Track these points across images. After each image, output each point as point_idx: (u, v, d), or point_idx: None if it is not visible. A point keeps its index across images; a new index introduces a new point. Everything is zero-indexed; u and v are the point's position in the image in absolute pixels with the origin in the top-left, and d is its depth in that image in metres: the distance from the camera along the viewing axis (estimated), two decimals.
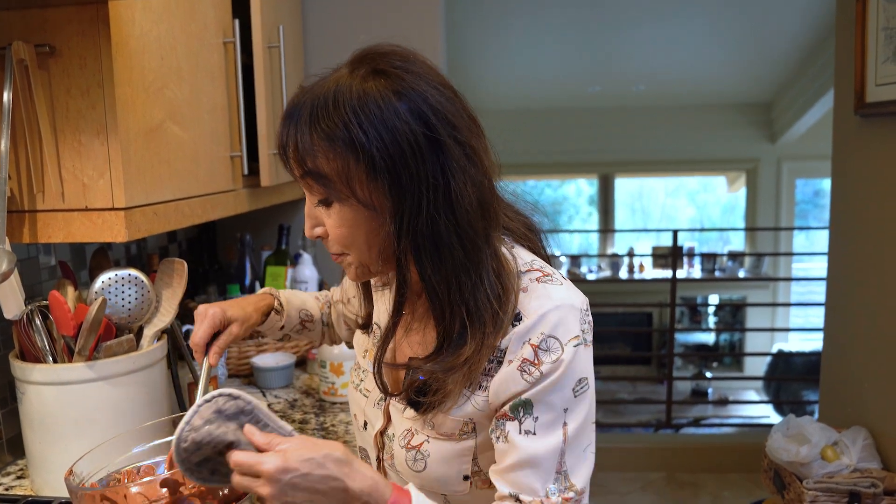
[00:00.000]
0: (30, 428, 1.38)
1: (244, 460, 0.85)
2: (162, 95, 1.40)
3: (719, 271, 7.89)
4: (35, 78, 1.25)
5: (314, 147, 0.91)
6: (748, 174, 7.84)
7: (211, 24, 1.62)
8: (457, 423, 0.99)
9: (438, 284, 0.94)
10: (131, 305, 1.41)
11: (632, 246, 8.12)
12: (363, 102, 0.89)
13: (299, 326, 1.42)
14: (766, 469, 2.67)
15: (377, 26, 2.30)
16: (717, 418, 6.58)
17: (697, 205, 9.20)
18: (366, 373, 1.17)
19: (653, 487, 4.03)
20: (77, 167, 1.29)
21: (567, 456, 0.94)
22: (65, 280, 1.46)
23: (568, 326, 0.93)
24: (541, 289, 0.96)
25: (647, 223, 8.91)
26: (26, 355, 1.38)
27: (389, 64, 0.92)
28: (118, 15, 1.25)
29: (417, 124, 0.90)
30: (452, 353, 0.95)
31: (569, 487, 0.94)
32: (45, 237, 1.31)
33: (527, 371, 0.92)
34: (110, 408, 1.35)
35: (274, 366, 2.00)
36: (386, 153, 0.89)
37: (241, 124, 1.75)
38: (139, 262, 2.05)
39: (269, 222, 2.44)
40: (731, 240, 8.76)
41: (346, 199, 0.94)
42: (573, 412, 0.94)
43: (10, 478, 1.50)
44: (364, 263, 1.00)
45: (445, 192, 0.91)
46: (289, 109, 0.95)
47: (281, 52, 1.91)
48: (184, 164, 1.49)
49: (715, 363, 8.49)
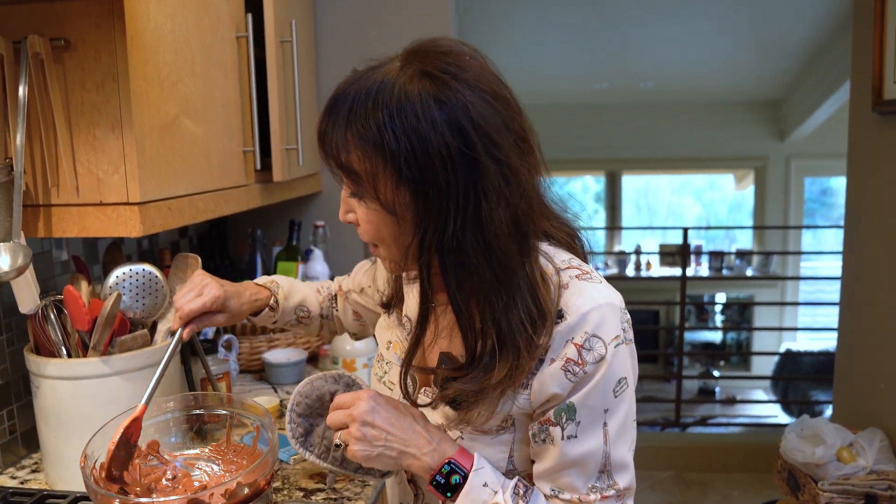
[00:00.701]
0: (44, 422, 1.38)
1: (343, 398, 1.00)
2: (176, 90, 1.40)
3: (727, 270, 7.87)
4: (50, 72, 1.25)
5: (347, 143, 0.89)
6: (756, 172, 7.82)
7: (224, 19, 1.62)
8: (495, 419, 0.97)
9: (464, 302, 0.91)
10: (145, 300, 1.40)
11: (639, 243, 8.10)
12: (401, 106, 0.85)
13: (294, 322, 1.41)
14: (779, 469, 2.66)
15: (388, 22, 2.29)
16: (725, 417, 6.56)
17: (704, 203, 9.18)
18: (390, 364, 1.15)
19: (661, 487, 4.02)
20: (92, 161, 1.28)
21: (611, 455, 0.93)
22: (78, 274, 1.46)
23: (610, 325, 0.91)
24: (582, 286, 0.93)
25: (653, 221, 8.90)
26: (41, 349, 1.38)
27: (440, 67, 0.88)
28: (133, 8, 1.25)
29: (454, 138, 0.85)
30: (482, 375, 0.92)
31: (611, 486, 0.94)
32: (59, 232, 1.31)
33: (571, 371, 0.90)
34: (124, 402, 1.34)
35: (285, 362, 1.99)
36: (415, 164, 0.86)
37: (254, 119, 1.74)
38: (151, 257, 2.05)
39: (281, 218, 2.43)
40: (738, 238, 8.73)
41: (372, 200, 0.91)
42: (613, 412, 0.92)
43: (25, 471, 1.49)
44: (394, 259, 0.98)
45: (475, 212, 0.87)
46: (333, 97, 0.92)
47: (293, 46, 1.90)
48: (197, 158, 1.49)
49: (722, 362, 8.47)
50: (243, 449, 1.22)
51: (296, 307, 1.38)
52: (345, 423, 0.99)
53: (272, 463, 1.06)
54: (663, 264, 8.02)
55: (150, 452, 1.16)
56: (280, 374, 1.99)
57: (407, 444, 0.97)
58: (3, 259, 1.23)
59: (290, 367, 1.99)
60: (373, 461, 0.98)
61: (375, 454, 0.97)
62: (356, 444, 0.97)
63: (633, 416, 0.96)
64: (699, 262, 7.93)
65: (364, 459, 0.97)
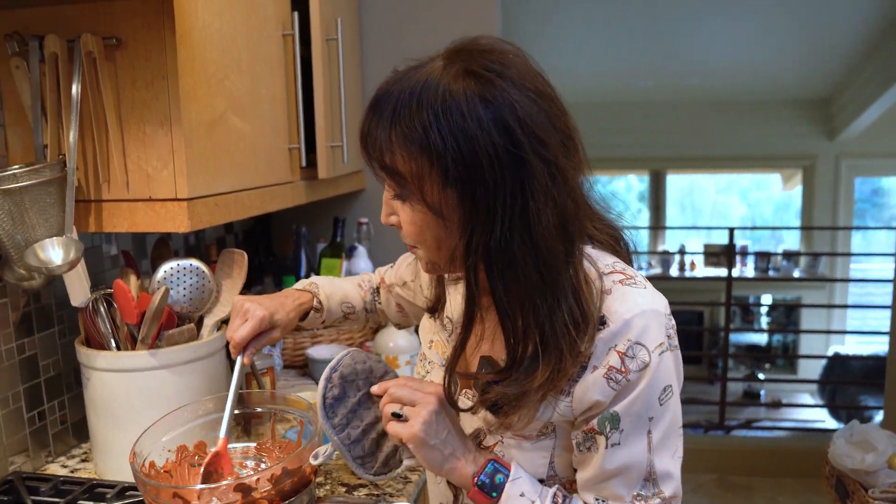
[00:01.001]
0: (94, 413, 1.41)
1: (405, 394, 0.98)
2: (223, 87, 1.42)
3: (773, 271, 7.73)
4: (102, 70, 1.27)
5: (392, 144, 0.88)
6: (805, 172, 7.65)
7: (271, 17, 1.63)
8: (536, 424, 0.96)
9: (510, 305, 0.90)
10: (192, 295, 1.42)
11: (683, 243, 7.99)
12: (447, 106, 0.84)
13: (342, 318, 1.41)
14: (827, 476, 2.60)
15: (432, 19, 2.29)
16: (770, 421, 6.44)
17: (749, 202, 9.03)
18: (432, 364, 1.15)
19: (704, 490, 3.97)
20: (142, 158, 1.30)
21: (655, 463, 0.92)
22: (128, 269, 1.48)
23: (654, 333, 0.89)
24: (625, 292, 0.91)
25: (697, 221, 8.77)
26: (91, 342, 1.41)
27: (484, 65, 0.87)
28: (182, 7, 1.27)
29: (501, 137, 0.84)
30: (524, 377, 0.91)
31: (656, 494, 0.92)
32: (110, 227, 1.33)
33: (613, 379, 0.89)
34: (171, 395, 1.37)
35: (329, 357, 1.99)
36: (462, 163, 0.84)
37: (300, 116, 1.76)
38: (198, 253, 2.08)
39: (325, 214, 2.45)
40: (785, 238, 8.57)
41: (417, 201, 0.90)
42: (658, 420, 0.91)
43: (75, 461, 1.53)
44: (433, 261, 0.98)
45: (522, 212, 0.86)
46: (376, 97, 0.91)
47: (339, 44, 1.91)
48: (244, 155, 1.50)
49: (767, 364, 8.32)
50: (288, 444, 1.23)
51: (340, 304, 1.38)
52: (413, 402, 0.97)
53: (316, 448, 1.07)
54: (708, 265, 7.91)
55: (197, 452, 1.18)
56: (323, 369, 2.00)
57: (457, 448, 0.97)
58: (56, 253, 1.26)
59: None
60: (423, 448, 0.96)
61: (432, 443, 0.96)
62: (421, 426, 0.95)
63: (678, 424, 0.94)
64: (745, 263, 7.80)
65: (419, 443, 0.95)
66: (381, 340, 1.86)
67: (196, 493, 0.98)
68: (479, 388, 0.98)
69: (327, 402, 1.07)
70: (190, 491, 0.99)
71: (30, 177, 1.21)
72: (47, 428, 1.52)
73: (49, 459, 1.53)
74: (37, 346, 1.48)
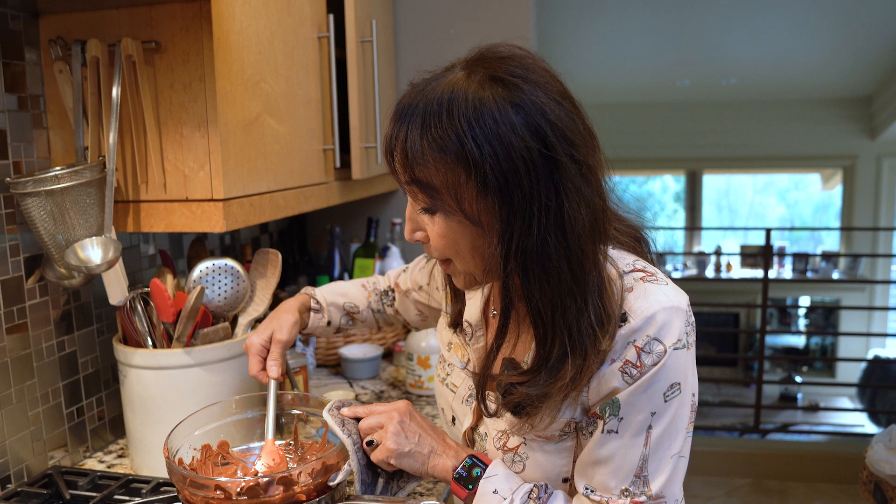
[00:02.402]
0: (130, 409, 1.43)
1: (378, 406, 1.07)
2: (259, 89, 1.43)
3: (811, 272, 7.62)
4: (142, 73, 1.30)
5: (424, 156, 0.87)
6: (845, 171, 7.53)
7: (306, 20, 1.64)
8: (558, 424, 0.96)
9: (544, 308, 0.89)
10: (227, 294, 1.44)
11: (719, 244, 7.90)
12: (479, 113, 0.84)
13: (347, 319, 1.44)
14: (865, 481, 2.56)
15: (467, 20, 2.29)
16: (807, 425, 6.35)
17: (788, 203, 8.90)
18: (451, 367, 1.16)
19: (738, 494, 3.92)
20: (179, 159, 1.32)
21: (649, 461, 0.91)
22: (164, 268, 1.51)
23: (673, 329, 0.89)
24: (646, 289, 0.92)
25: (734, 221, 8.67)
26: (128, 340, 1.44)
27: (507, 71, 0.87)
28: (220, 11, 1.29)
29: (534, 140, 0.84)
30: (548, 379, 0.92)
31: (644, 492, 0.91)
32: (147, 227, 1.36)
33: (627, 372, 0.89)
34: (206, 393, 1.39)
35: (361, 357, 2.02)
36: (499, 170, 0.84)
37: (334, 117, 1.77)
38: (233, 252, 2.11)
39: (358, 215, 2.47)
40: (824, 240, 8.44)
41: (453, 212, 0.90)
42: (660, 416, 0.90)
43: (112, 456, 1.56)
44: (470, 272, 0.98)
45: (558, 213, 0.86)
46: (399, 110, 0.90)
47: (374, 46, 1.92)
48: (279, 156, 1.52)
49: (805, 367, 8.20)
50: (311, 445, 1.24)
51: (342, 303, 1.43)
52: (381, 424, 1.04)
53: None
54: (744, 266, 7.82)
55: (221, 452, 1.19)
56: (356, 368, 2.02)
57: (435, 445, 1.03)
58: (95, 252, 1.28)
59: (365, 363, 2.02)
60: (403, 458, 1.01)
61: (407, 450, 1.01)
62: (391, 439, 1.01)
63: (682, 426, 0.92)
64: (782, 264, 7.70)
65: (396, 455, 1.01)
66: (412, 340, 1.87)
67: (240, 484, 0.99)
68: (502, 389, 0.98)
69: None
70: (234, 484, 1.00)
71: (71, 178, 1.24)
72: (85, 424, 1.55)
73: (87, 454, 1.56)
74: (76, 343, 1.52)
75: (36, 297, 1.41)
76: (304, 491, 1.01)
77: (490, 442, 1.04)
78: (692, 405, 0.94)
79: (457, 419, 1.14)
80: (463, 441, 1.11)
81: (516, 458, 1.00)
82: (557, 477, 0.99)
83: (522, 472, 1.00)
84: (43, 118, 1.39)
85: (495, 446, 1.03)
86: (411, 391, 1.89)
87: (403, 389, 1.93)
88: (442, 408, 1.20)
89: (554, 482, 0.99)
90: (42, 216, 1.24)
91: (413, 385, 1.88)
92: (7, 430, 1.35)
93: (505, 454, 1.02)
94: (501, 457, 1.02)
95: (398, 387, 1.97)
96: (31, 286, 1.40)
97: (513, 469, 1.00)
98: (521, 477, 1.00)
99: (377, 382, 2.01)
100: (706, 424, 5.82)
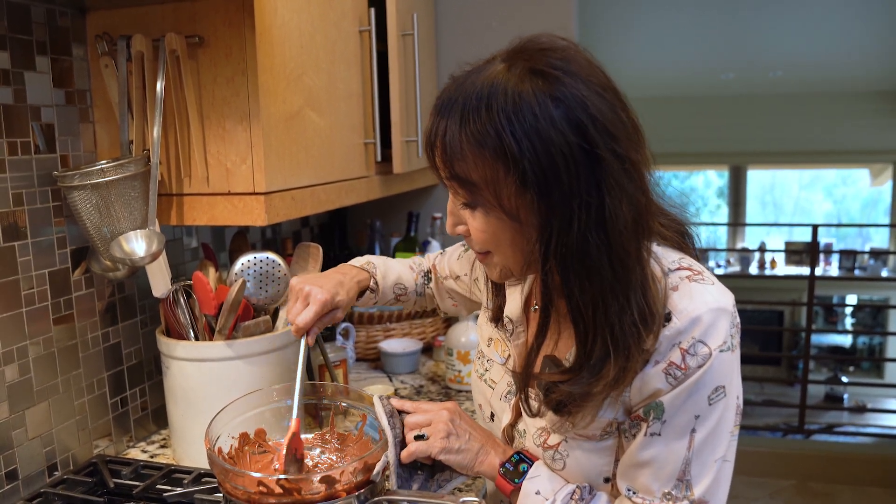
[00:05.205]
0: (172, 401, 1.45)
1: (419, 419, 1.07)
2: (301, 83, 1.44)
3: (859, 270, 7.45)
4: (185, 68, 1.31)
5: (463, 151, 0.86)
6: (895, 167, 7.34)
7: (348, 13, 1.64)
8: (599, 423, 0.95)
9: (585, 306, 0.87)
10: (268, 288, 1.45)
11: (763, 241, 7.76)
12: (518, 108, 0.82)
13: (392, 300, 1.42)
14: None
15: (508, 13, 2.27)
16: (854, 426, 6.21)
17: (835, 199, 8.70)
18: (490, 362, 1.15)
19: (782, 495, 3.85)
20: (221, 153, 1.33)
21: (692, 464, 0.89)
22: (207, 261, 1.52)
23: (719, 331, 0.87)
24: (692, 288, 0.89)
25: (779, 217, 8.50)
26: (171, 332, 1.45)
27: (548, 63, 0.85)
28: (262, 5, 1.29)
29: (574, 135, 0.82)
30: (589, 378, 0.90)
31: (686, 496, 0.90)
32: (190, 220, 1.37)
33: (671, 374, 0.87)
34: (246, 385, 1.40)
35: (401, 352, 2.02)
36: (538, 166, 0.82)
37: (375, 111, 1.77)
38: (274, 246, 2.12)
39: (399, 209, 2.47)
40: (873, 237, 8.24)
41: (492, 208, 0.89)
42: (704, 420, 0.88)
43: (155, 446, 1.58)
44: (507, 267, 0.97)
45: (599, 210, 0.84)
46: (439, 104, 0.89)
47: (415, 39, 1.91)
48: (320, 150, 1.52)
49: (852, 367, 8.02)
50: (348, 436, 1.24)
51: (393, 285, 1.40)
52: (429, 421, 1.06)
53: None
54: (789, 263, 7.67)
55: (258, 440, 1.20)
56: (395, 363, 2.02)
57: (486, 442, 1.06)
58: (139, 245, 1.30)
59: (405, 357, 2.02)
60: (452, 454, 1.03)
61: (457, 447, 1.04)
62: (443, 434, 1.04)
63: (727, 429, 0.90)
64: (829, 262, 7.54)
65: (447, 451, 1.03)
66: (452, 335, 1.86)
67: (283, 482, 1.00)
68: (543, 387, 0.97)
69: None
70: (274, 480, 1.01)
71: (116, 171, 1.25)
72: (129, 414, 1.57)
73: (130, 444, 1.58)
74: (120, 334, 1.54)
75: (82, 289, 1.43)
76: (346, 489, 1.01)
77: (529, 439, 1.03)
78: (737, 408, 0.91)
79: (496, 416, 1.13)
80: (502, 438, 1.10)
81: (556, 456, 0.99)
82: (598, 476, 0.97)
83: (563, 470, 0.99)
84: (89, 112, 1.41)
85: (535, 443, 1.02)
86: (451, 386, 1.89)
87: (443, 384, 1.93)
88: (479, 404, 1.19)
89: (594, 481, 0.98)
90: (88, 209, 1.26)
91: (452, 380, 1.88)
92: (54, 418, 1.38)
93: (545, 451, 1.01)
94: (542, 454, 1.01)
95: (437, 381, 1.96)
96: (78, 278, 1.42)
97: (553, 467, 0.99)
98: (562, 476, 0.99)
99: (416, 377, 2.00)
100: (749, 424, 5.72)
